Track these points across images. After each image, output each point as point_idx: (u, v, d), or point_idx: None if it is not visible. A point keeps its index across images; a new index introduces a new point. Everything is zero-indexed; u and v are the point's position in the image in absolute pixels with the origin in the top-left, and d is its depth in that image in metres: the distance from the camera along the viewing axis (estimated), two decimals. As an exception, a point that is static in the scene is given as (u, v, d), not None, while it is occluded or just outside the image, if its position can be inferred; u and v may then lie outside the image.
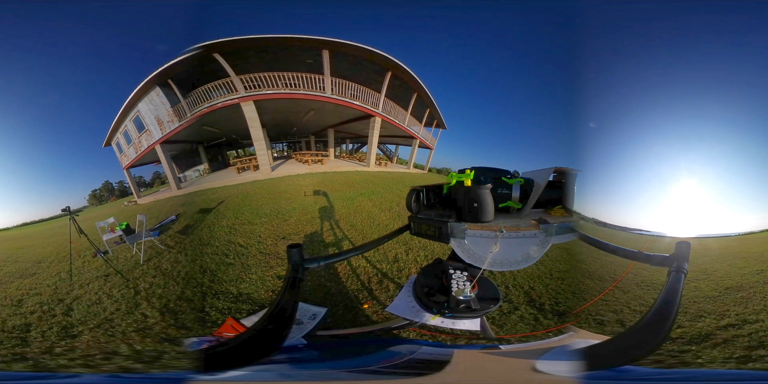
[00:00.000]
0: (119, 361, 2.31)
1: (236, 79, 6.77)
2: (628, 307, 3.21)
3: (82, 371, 2.28)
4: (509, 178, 1.36)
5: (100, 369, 2.26)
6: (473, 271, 1.32)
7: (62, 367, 2.39)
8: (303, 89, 7.17)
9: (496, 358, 1.29)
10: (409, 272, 3.87)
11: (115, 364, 2.28)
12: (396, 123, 8.59)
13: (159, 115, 7.10)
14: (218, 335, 1.77)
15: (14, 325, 3.22)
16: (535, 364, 1.08)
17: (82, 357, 2.50)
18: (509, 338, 2.59)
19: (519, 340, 2.58)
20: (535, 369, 1.05)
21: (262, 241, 4.94)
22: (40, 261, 5.02)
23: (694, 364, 2.12)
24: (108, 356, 2.41)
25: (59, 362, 2.45)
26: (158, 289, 3.81)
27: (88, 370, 2.27)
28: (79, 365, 2.36)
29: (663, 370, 1.29)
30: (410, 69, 7.95)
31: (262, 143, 7.57)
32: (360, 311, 3.14)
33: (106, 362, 2.31)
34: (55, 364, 2.44)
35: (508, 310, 2.99)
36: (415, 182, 6.95)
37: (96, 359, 2.41)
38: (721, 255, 4.81)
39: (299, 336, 1.55)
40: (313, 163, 8.68)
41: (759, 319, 2.93)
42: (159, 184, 8.26)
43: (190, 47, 5.78)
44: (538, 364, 1.08)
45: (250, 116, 7.09)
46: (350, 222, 5.74)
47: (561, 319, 2.94)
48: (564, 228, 1.21)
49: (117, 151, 7.58)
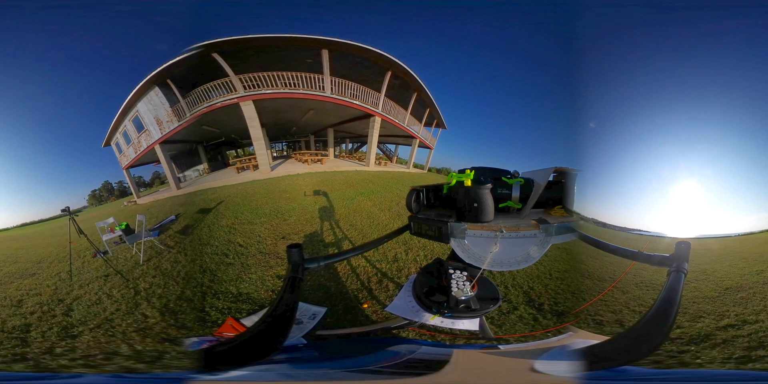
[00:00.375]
0: (121, 361, 2.31)
1: (235, 78, 6.75)
2: (627, 307, 3.21)
3: (84, 371, 2.29)
4: (509, 178, 1.36)
5: (102, 369, 2.27)
6: (473, 271, 1.32)
7: (63, 368, 2.39)
8: (302, 89, 7.15)
9: (494, 358, 1.29)
10: (409, 272, 3.87)
11: (116, 364, 2.28)
12: (396, 123, 8.56)
13: (158, 115, 7.08)
14: (218, 335, 1.76)
15: (14, 325, 3.22)
16: (534, 364, 1.07)
17: (83, 357, 2.50)
18: (508, 338, 2.59)
19: (518, 340, 2.58)
20: (533, 369, 1.05)
21: (262, 241, 4.94)
22: (40, 261, 5.02)
23: (693, 365, 2.13)
24: (109, 356, 2.42)
25: (60, 362, 2.45)
26: (158, 289, 3.81)
27: (89, 371, 2.28)
28: (81, 365, 2.37)
29: (662, 370, 1.29)
30: (410, 68, 7.93)
31: (262, 143, 7.55)
32: (360, 311, 3.14)
33: (108, 362, 2.32)
34: (57, 365, 2.44)
35: (507, 310, 2.99)
36: (414, 182, 6.93)
37: (97, 359, 2.41)
38: (721, 255, 4.81)
39: (299, 336, 1.55)
40: (312, 163, 8.67)
41: (759, 319, 2.93)
42: (158, 184, 8.24)
43: (189, 47, 5.78)
44: (536, 364, 1.08)
45: (249, 116, 7.07)
46: (350, 221, 5.74)
47: (560, 319, 2.94)
48: (564, 228, 1.22)
49: (116, 151, 7.56)
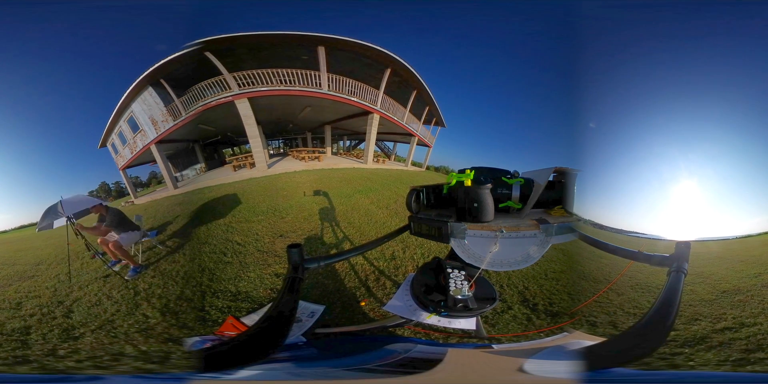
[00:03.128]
0: (131, 362, 2.32)
1: (229, 76, 6.68)
2: (621, 309, 3.21)
3: (88, 373, 2.29)
4: (509, 178, 1.36)
5: (107, 370, 2.27)
6: (471, 271, 1.33)
7: (72, 369, 2.39)
8: (299, 85, 7.10)
9: (488, 357, 1.29)
10: (406, 270, 3.88)
11: (127, 364, 2.29)
12: (394, 120, 8.51)
13: (153, 115, 7.02)
14: (220, 334, 1.76)
15: (13, 327, 3.21)
16: (527, 364, 1.08)
17: (90, 358, 2.51)
18: (501, 338, 2.58)
19: (510, 340, 2.58)
20: (525, 369, 1.05)
21: (260, 239, 4.93)
22: (38, 263, 5.00)
23: (685, 367, 2.12)
24: (117, 357, 2.42)
25: (66, 364, 2.46)
26: (157, 289, 3.81)
27: (95, 372, 2.28)
28: (88, 367, 2.37)
29: (655, 372, 1.30)
30: (411, 66, 7.86)
31: (258, 140, 7.50)
32: (357, 308, 3.16)
33: (117, 363, 2.32)
34: (64, 366, 2.45)
35: (501, 309, 2.98)
36: (412, 180, 6.93)
37: (104, 360, 2.42)
38: (718, 258, 4.80)
39: (299, 334, 1.56)
40: (309, 160, 8.63)
41: (757, 322, 2.91)
42: (155, 183, 8.21)
43: (181, 46, 5.73)
44: (529, 363, 1.08)
45: (244, 113, 7.01)
46: (348, 219, 5.74)
47: (554, 319, 2.94)
48: (564, 228, 1.22)
49: (112, 152, 7.53)
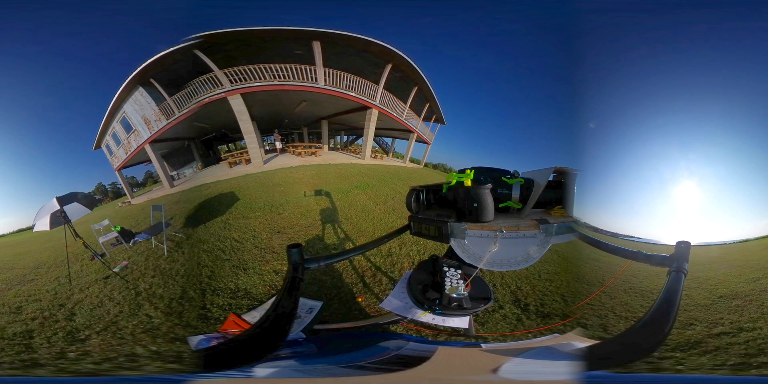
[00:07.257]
0: (146, 362, 2.34)
1: (220, 73, 6.57)
2: (613, 312, 3.20)
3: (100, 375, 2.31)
4: (509, 178, 1.36)
5: (116, 373, 2.29)
6: (467, 270, 1.33)
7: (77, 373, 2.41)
8: (293, 80, 7.01)
9: (475, 356, 1.30)
10: (402, 266, 3.90)
11: (141, 365, 2.31)
12: (393, 116, 8.39)
13: (145, 114, 6.94)
14: (224, 331, 1.77)
15: (15, 332, 3.21)
16: (517, 363, 1.08)
17: (96, 362, 2.52)
18: (490, 337, 2.60)
19: (497, 339, 2.59)
20: (515, 369, 1.06)
21: (257, 236, 4.93)
22: (37, 267, 4.99)
23: (670, 370, 2.11)
24: (132, 358, 2.44)
25: (75, 367, 2.47)
26: (158, 289, 3.81)
27: (110, 374, 2.30)
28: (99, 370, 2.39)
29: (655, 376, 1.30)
30: (413, 61, 7.71)
31: (253, 136, 7.42)
32: (354, 304, 3.18)
33: (132, 364, 2.34)
34: (68, 368, 2.46)
35: (492, 308, 2.97)
36: (410, 176, 6.88)
37: (115, 362, 2.43)
38: (714, 262, 4.77)
39: (298, 330, 1.57)
40: (306, 156, 8.57)
41: (756, 326, 2.90)
42: (152, 183, 8.17)
43: (169, 45, 5.63)
44: (516, 363, 1.09)
45: (238, 109, 6.92)
46: (345, 215, 5.74)
47: (545, 320, 2.95)
48: (564, 228, 1.22)
49: (107, 153, 7.47)
